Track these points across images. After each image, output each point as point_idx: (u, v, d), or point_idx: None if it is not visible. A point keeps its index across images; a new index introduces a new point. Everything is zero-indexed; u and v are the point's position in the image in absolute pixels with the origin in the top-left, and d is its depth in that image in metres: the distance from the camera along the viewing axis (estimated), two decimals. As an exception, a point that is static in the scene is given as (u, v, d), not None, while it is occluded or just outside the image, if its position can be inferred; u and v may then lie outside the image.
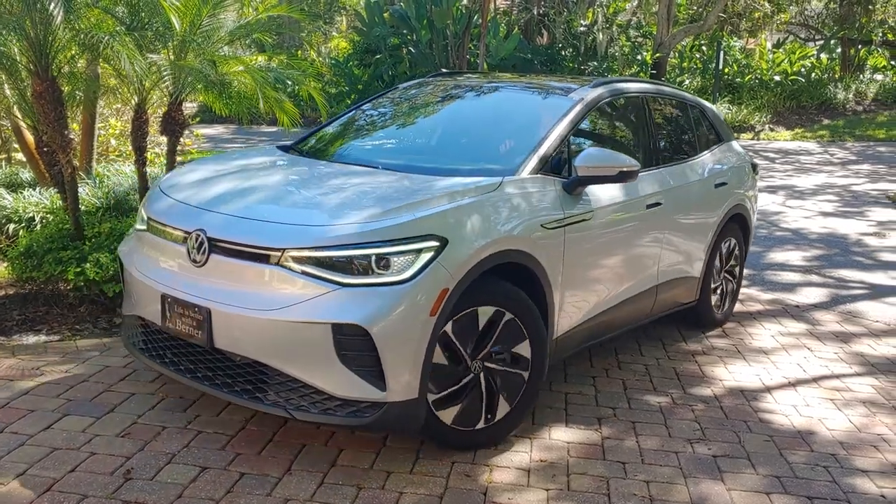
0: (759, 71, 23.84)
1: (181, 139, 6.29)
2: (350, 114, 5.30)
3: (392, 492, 3.34)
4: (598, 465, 3.67)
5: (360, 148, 4.79)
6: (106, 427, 3.77)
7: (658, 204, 4.80)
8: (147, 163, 6.12)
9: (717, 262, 5.62)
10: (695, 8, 28.50)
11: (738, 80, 23.00)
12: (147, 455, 3.53)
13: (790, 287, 7.00)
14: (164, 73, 5.31)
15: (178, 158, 9.81)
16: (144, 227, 3.93)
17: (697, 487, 3.51)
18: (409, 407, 3.32)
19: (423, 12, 21.41)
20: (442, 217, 3.47)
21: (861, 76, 24.66)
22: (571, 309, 4.17)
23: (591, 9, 22.59)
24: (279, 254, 3.30)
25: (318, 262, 3.27)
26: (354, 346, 3.21)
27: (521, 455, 3.71)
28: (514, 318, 3.70)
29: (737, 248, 5.92)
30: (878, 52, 27.26)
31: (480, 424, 3.67)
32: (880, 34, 27.59)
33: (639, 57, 22.44)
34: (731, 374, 4.89)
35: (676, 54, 24.75)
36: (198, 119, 14.96)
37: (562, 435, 3.95)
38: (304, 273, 3.27)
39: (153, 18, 5.63)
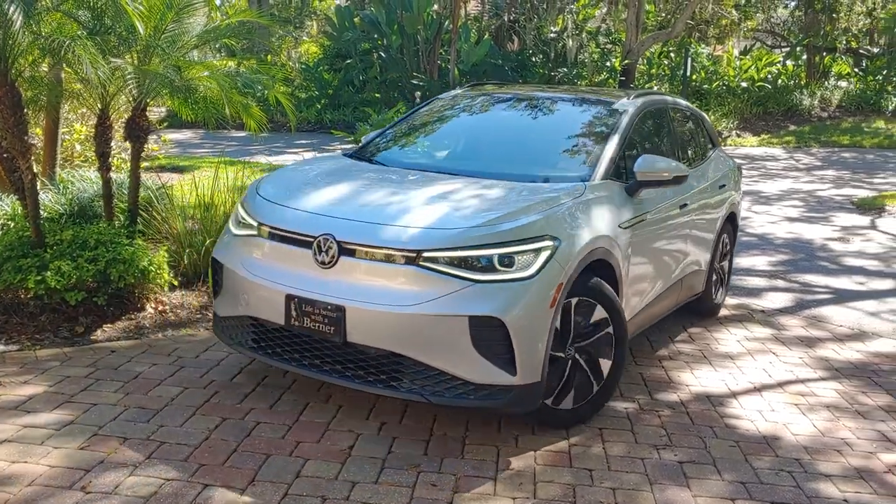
0: (726, 77, 24.15)
1: (148, 144, 6.21)
2: (400, 126, 5.57)
3: (357, 502, 3.30)
4: (565, 472, 3.66)
5: (434, 157, 5.18)
6: (65, 439, 3.70)
7: (686, 205, 5.30)
8: (112, 168, 6.04)
9: (717, 256, 6.14)
10: (663, 15, 28.79)
11: (706, 86, 23.28)
12: (107, 467, 3.46)
13: (756, 292, 7.07)
14: (128, 78, 5.24)
15: (145, 164, 9.72)
16: (254, 232, 4.15)
17: (663, 494, 3.52)
18: (534, 389, 3.71)
19: (394, 17, 21.41)
20: (553, 219, 3.90)
21: (826, 83, 25.08)
22: (633, 300, 4.63)
23: (560, 15, 22.73)
24: (415, 255, 3.66)
25: (452, 262, 3.65)
26: (489, 336, 3.58)
27: (487, 464, 3.70)
28: (602, 308, 4.08)
29: (728, 243, 6.45)
30: (842, 59, 27.75)
31: (574, 404, 4.05)
32: (844, 42, 28.10)
33: (608, 63, 22.62)
34: (697, 380, 4.92)
35: (645, 61, 24.98)
36: (165, 124, 14.78)
37: (529, 443, 3.94)
38: (439, 272, 3.63)
39: (117, 23, 5.55)
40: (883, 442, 4.16)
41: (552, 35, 22.21)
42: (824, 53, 27.08)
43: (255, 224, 4.15)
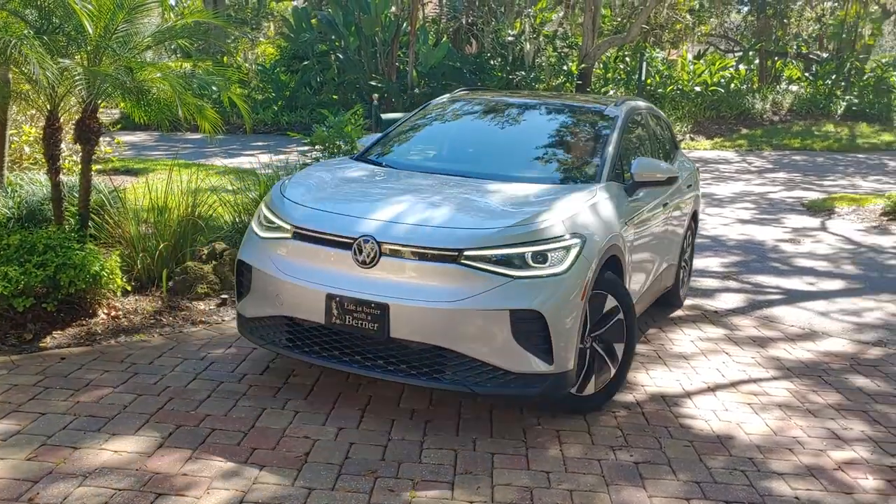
0: (680, 82, 24.52)
1: (100, 147, 6.09)
2: (402, 130, 5.75)
3: (314, 509, 3.27)
4: (522, 475, 3.67)
5: (445, 160, 5.41)
6: (12, 450, 3.60)
7: (666, 203, 5.64)
8: (63, 171, 5.91)
9: (684, 252, 6.51)
10: (619, 19, 29.14)
11: (661, 90, 23.60)
12: (56, 478, 3.38)
13: (709, 293, 7.17)
14: (77, 79, 5.13)
15: (98, 166, 9.53)
16: (287, 235, 4.26)
17: (619, 495, 3.55)
18: (566, 377, 3.99)
19: (352, 19, 21.33)
20: (577, 218, 4.21)
21: (778, 87, 25.59)
22: (632, 292, 4.83)
23: (518, 19, 22.86)
24: (456, 254, 3.88)
25: (490, 260, 3.89)
26: (529, 328, 3.83)
27: (445, 468, 3.69)
28: (613, 298, 4.35)
29: (691, 239, 6.86)
30: (793, 63, 28.35)
31: (591, 390, 4.31)
32: (795, 47, 28.72)
33: (565, 67, 22.80)
34: (652, 380, 4.97)
35: (601, 65, 25.25)
36: (119, 126, 14.55)
37: (487, 446, 3.94)
38: (480, 269, 3.86)
39: (66, 22, 5.43)
40: (833, 440, 4.25)
41: (510, 38, 22.32)
42: (776, 58, 27.67)
43: (288, 227, 4.26)
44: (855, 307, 6.82)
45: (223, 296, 6.08)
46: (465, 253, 3.88)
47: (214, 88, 6.59)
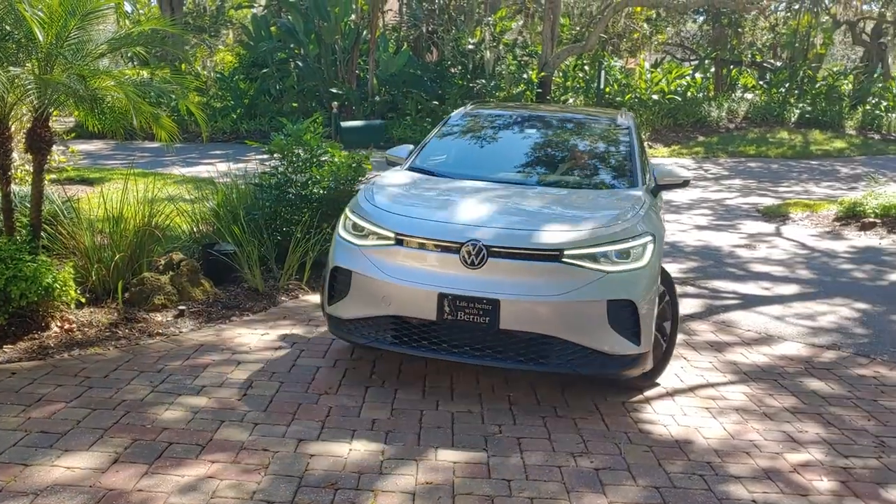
0: (638, 90, 24.81)
1: (55, 156, 5.98)
2: (439, 143, 6.17)
3: (273, 522, 3.23)
4: (484, 484, 3.67)
5: (499, 169, 5.77)
6: (-40, 468, 3.51)
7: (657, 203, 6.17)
8: (14, 181, 5.78)
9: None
10: (578, 28, 29.45)
11: (619, 98, 23.85)
12: (5, 497, 3.29)
13: (669, 299, 7.24)
14: (28, 87, 5.03)
15: (52, 176, 9.34)
16: (390, 242, 4.62)
17: (580, 502, 3.56)
18: (648, 356, 4.59)
19: (311, 27, 21.24)
20: (646, 219, 4.84)
21: (733, 95, 26.01)
22: None
23: (478, 27, 22.95)
24: (558, 253, 4.41)
25: (587, 257, 4.44)
26: (622, 316, 4.40)
27: (406, 478, 3.67)
28: (661, 285, 4.85)
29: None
30: (748, 72, 28.87)
31: (650, 365, 4.74)
32: (749, 55, 29.26)
33: (525, 75, 22.93)
34: (612, 385, 5.01)
35: (561, 73, 25.46)
36: (74, 135, 14.25)
37: (448, 455, 3.93)
38: (578, 266, 4.41)
39: (17, 29, 5.32)
40: (789, 443, 4.32)
41: (470, 47, 22.39)
42: (731, 66, 28.14)
43: (390, 235, 4.63)
44: (809, 311, 6.95)
45: (181, 307, 6.00)
46: (566, 252, 4.42)
47: (172, 96, 6.51)
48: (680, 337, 6.09)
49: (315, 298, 6.62)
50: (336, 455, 3.86)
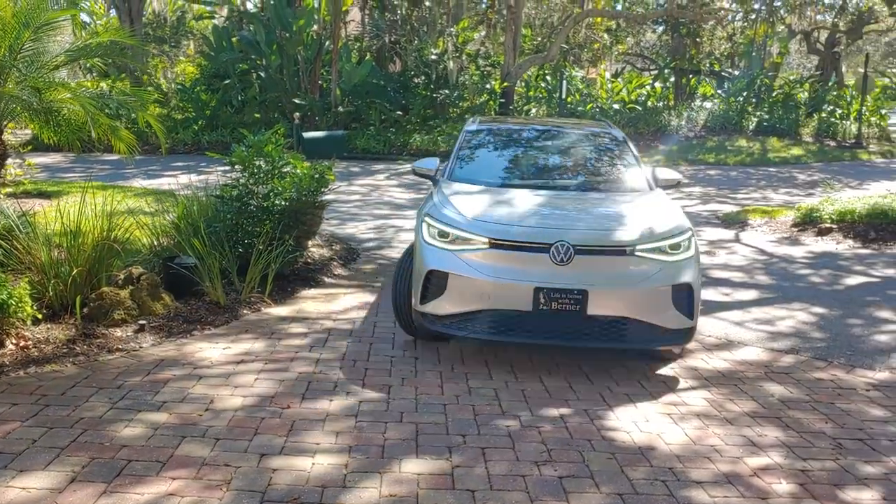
0: (599, 99, 25.07)
1: (10, 169, 5.87)
2: (464, 155, 6.80)
3: (235, 539, 3.19)
4: (448, 495, 3.66)
5: (536, 177, 6.60)
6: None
7: None
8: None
9: None
10: (539, 39, 29.69)
11: (581, 108, 24.08)
12: (-41, 519, 3.22)
13: (631, 306, 7.29)
14: (-20, 100, 4.94)
15: (8, 189, 9.16)
16: (484, 246, 5.29)
17: (544, 510, 3.57)
18: (695, 329, 5.47)
19: (273, 38, 21.13)
20: (684, 217, 5.74)
21: (692, 104, 26.40)
22: None
23: (441, 38, 23.04)
24: (631, 248, 5.27)
25: (654, 251, 5.31)
26: (682, 297, 5.28)
27: (369, 491, 3.66)
28: None
29: None
30: (706, 81, 29.34)
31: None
32: (708, 65, 29.74)
33: (488, 85, 23.06)
34: (575, 393, 5.04)
35: (523, 83, 25.64)
36: (30, 147, 14.00)
37: (412, 467, 3.92)
38: (647, 258, 5.28)
39: (-32, 42, 5.23)
40: (749, 447, 4.37)
41: (433, 57, 22.47)
42: (690, 76, 28.58)
43: (485, 240, 5.30)
44: (768, 316, 7.06)
45: (141, 321, 5.91)
46: (638, 248, 5.27)
47: (131, 109, 6.44)
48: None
49: (277, 311, 6.57)
50: (299, 469, 3.83)
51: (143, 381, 4.88)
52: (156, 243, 7.51)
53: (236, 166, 7.46)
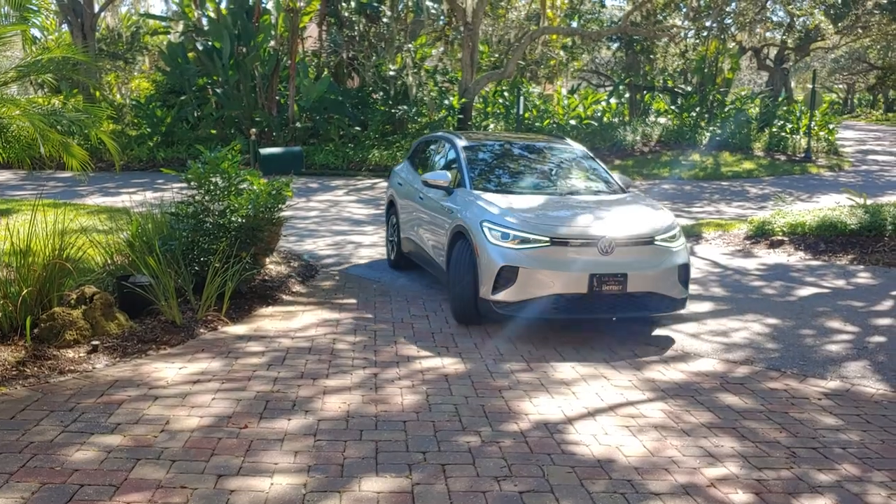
0: (556, 115, 25.31)
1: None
2: (475, 167, 7.84)
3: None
4: (408, 512, 3.64)
5: (539, 186, 7.88)
6: None
7: None
8: None
9: None
10: (496, 55, 29.94)
11: (538, 124, 24.27)
12: None
13: (589, 320, 7.36)
14: (-74, 117, 4.82)
15: (-46, 208, 8.94)
16: (546, 244, 6.50)
17: (505, 526, 3.57)
18: (687, 299, 7.07)
19: (231, 52, 20.97)
20: (672, 214, 7.34)
21: (647, 119, 26.79)
22: None
23: (399, 54, 23.09)
24: (651, 240, 6.72)
25: (665, 240, 6.79)
26: (683, 273, 6.83)
27: (329, 510, 3.62)
28: None
29: None
30: (660, 96, 29.82)
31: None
32: (662, 81, 30.25)
33: (446, 101, 23.15)
34: (535, 408, 5.05)
35: (481, 99, 25.79)
36: (-22, 164, 13.73)
37: (372, 485, 3.90)
38: (661, 247, 6.75)
39: (-87, 57, 5.11)
40: (706, 457, 4.43)
41: (391, 73, 22.51)
42: (644, 92, 29.04)
43: (546, 239, 6.50)
44: (723, 328, 7.17)
45: (94, 342, 5.80)
46: (656, 238, 6.73)
47: (83, 125, 6.34)
48: (599, 356, 6.21)
49: (234, 330, 6.50)
50: (257, 490, 3.78)
51: (96, 403, 4.78)
52: (109, 262, 7.39)
53: (192, 183, 7.38)
